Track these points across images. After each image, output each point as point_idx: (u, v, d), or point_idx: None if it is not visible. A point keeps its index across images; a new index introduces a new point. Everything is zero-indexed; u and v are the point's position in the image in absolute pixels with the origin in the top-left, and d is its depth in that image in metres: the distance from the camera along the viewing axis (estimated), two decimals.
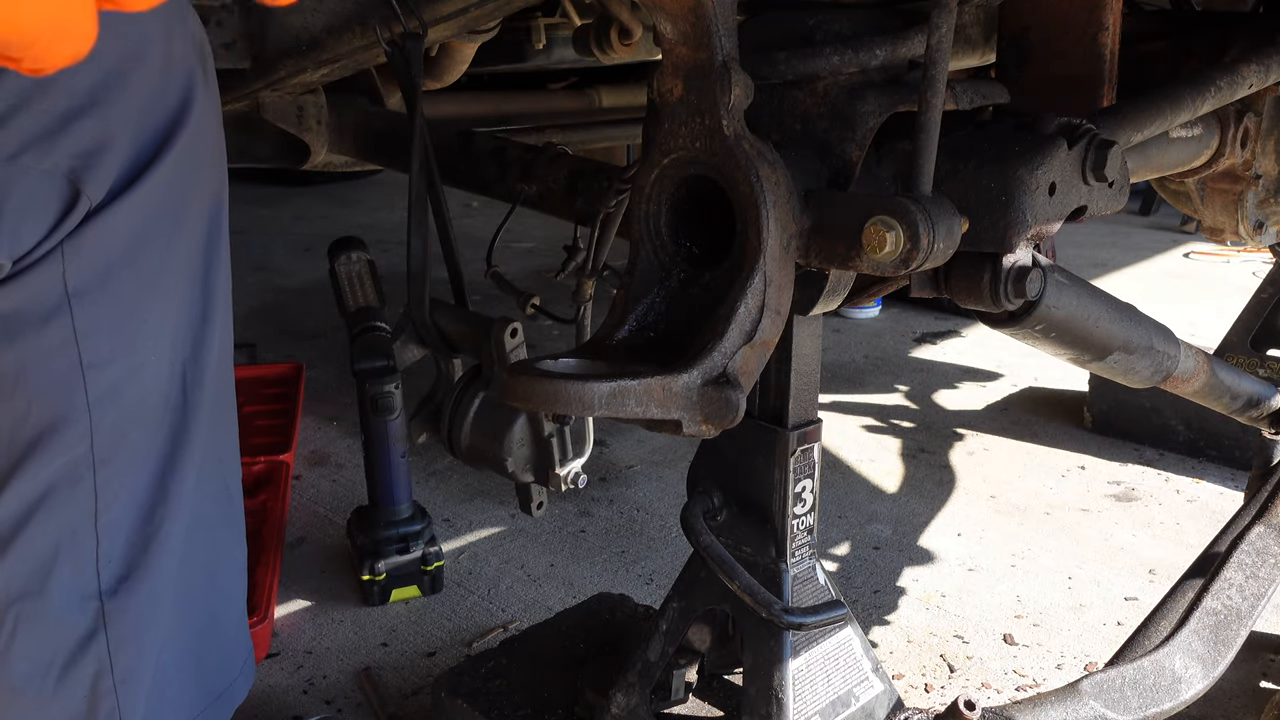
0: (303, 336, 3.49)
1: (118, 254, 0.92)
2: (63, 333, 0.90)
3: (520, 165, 1.80)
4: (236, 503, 1.14)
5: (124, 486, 0.97)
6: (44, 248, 0.88)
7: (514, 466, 1.46)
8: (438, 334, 1.60)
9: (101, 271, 0.91)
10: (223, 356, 1.06)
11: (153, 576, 0.99)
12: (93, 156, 0.87)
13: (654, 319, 0.96)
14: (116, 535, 0.97)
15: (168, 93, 0.93)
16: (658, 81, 0.91)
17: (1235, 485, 2.35)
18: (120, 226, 0.91)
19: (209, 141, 0.99)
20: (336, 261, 1.92)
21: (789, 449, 1.16)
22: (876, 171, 1.00)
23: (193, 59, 0.96)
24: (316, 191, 6.11)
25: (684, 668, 1.31)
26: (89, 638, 0.96)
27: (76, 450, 0.93)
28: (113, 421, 0.94)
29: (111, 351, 0.93)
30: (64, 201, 0.87)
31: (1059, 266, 1.03)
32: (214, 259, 1.03)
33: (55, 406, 0.92)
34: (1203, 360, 1.34)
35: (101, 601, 0.96)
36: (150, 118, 0.92)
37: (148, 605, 1.00)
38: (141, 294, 0.95)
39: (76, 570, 0.95)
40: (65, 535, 0.94)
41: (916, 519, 2.24)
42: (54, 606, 0.95)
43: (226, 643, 1.13)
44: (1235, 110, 1.49)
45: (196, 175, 0.98)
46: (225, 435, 1.10)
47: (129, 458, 0.97)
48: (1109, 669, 1.08)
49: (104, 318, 0.92)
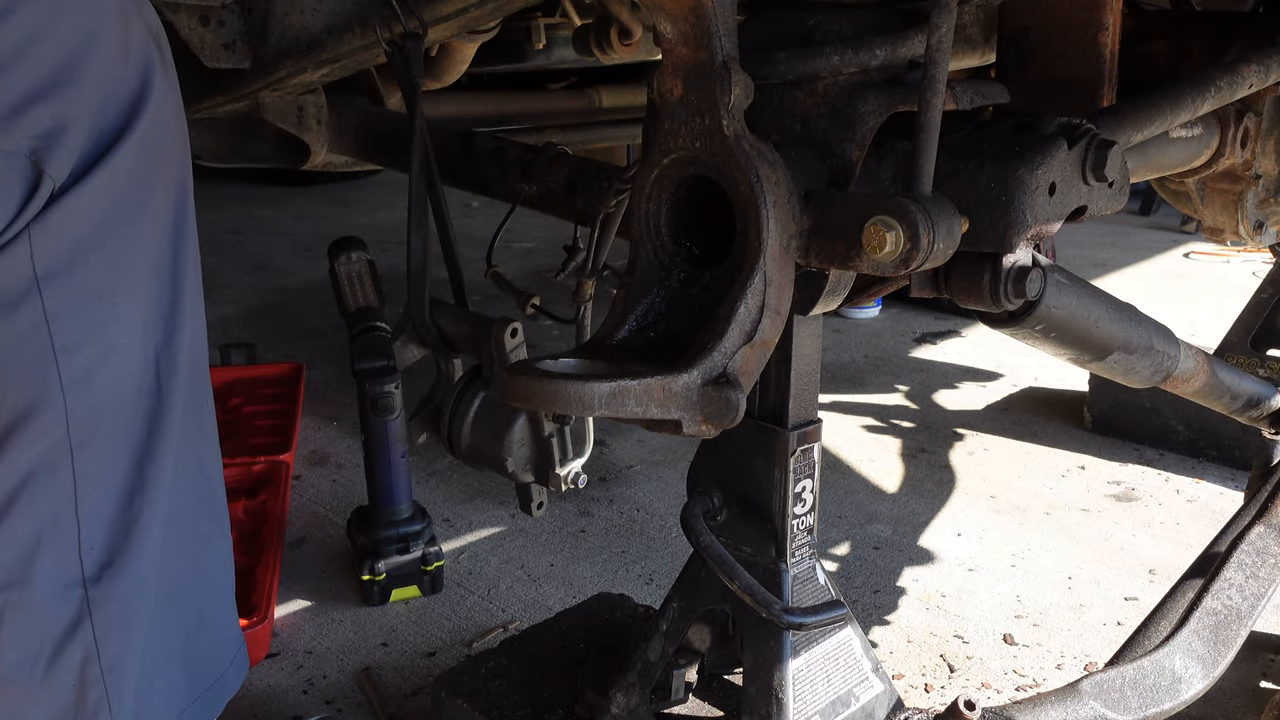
0: (303, 336, 3.49)
1: (85, 236, 0.92)
2: (33, 316, 0.90)
3: (520, 165, 1.80)
4: (219, 495, 1.14)
5: (102, 472, 0.97)
6: (11, 230, 0.88)
7: (514, 466, 1.46)
8: (438, 334, 1.60)
9: (70, 254, 0.91)
10: (195, 347, 1.06)
11: (136, 563, 1.00)
12: (53, 137, 0.88)
13: (654, 319, 0.96)
14: (98, 521, 0.97)
15: (126, 78, 0.94)
16: (658, 81, 0.91)
17: (1235, 485, 2.35)
18: (86, 208, 0.92)
19: (170, 129, 1.00)
20: (336, 261, 1.92)
21: (789, 449, 1.16)
22: (876, 171, 1.00)
23: (150, 47, 0.97)
24: (316, 191, 6.11)
25: (684, 668, 1.31)
26: (75, 625, 0.97)
27: (53, 435, 0.93)
28: (88, 405, 0.95)
29: (83, 335, 0.94)
30: (28, 183, 0.88)
31: (1059, 266, 1.03)
32: (182, 248, 1.03)
33: (29, 391, 0.92)
34: (1203, 360, 1.34)
35: (86, 588, 0.97)
36: (109, 103, 0.93)
37: (132, 592, 1.00)
38: (110, 278, 0.95)
39: (59, 557, 0.96)
40: (47, 522, 0.95)
41: (916, 519, 2.24)
42: (39, 595, 0.95)
43: (215, 634, 1.14)
44: (1235, 110, 1.49)
45: (159, 162, 0.99)
46: (203, 427, 1.10)
47: (106, 443, 0.97)
48: (1109, 669, 1.08)
49: (74, 301, 0.92)
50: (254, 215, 5.48)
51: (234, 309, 3.76)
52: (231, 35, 1.64)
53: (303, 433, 2.60)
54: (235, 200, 5.77)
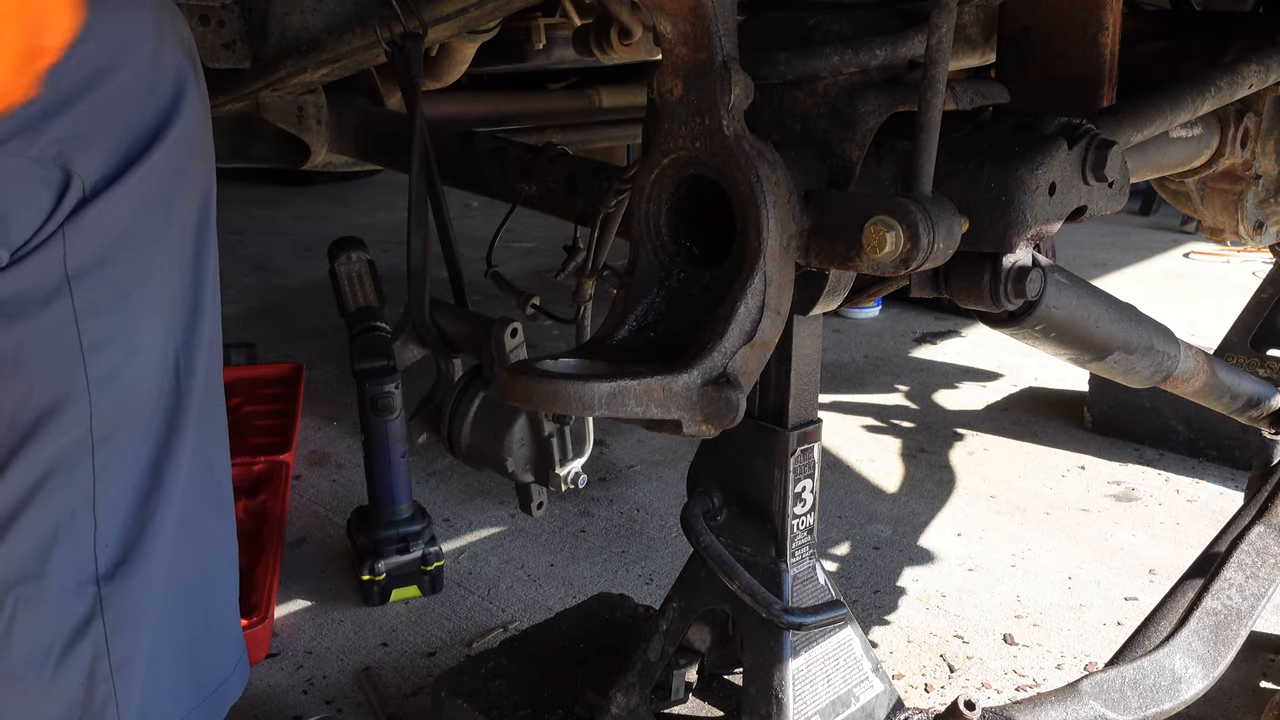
0: (303, 336, 3.49)
1: (116, 236, 0.94)
2: (63, 314, 0.92)
3: (520, 165, 1.80)
4: (227, 496, 1.15)
5: (121, 469, 0.98)
6: (44, 233, 0.90)
7: (514, 466, 1.46)
8: (438, 334, 1.60)
9: (100, 254, 0.93)
10: (212, 350, 1.08)
11: (148, 563, 1.00)
12: (81, 141, 0.90)
13: (654, 319, 0.96)
14: (114, 519, 0.98)
15: (158, 89, 0.95)
16: (658, 81, 0.91)
17: (1235, 485, 2.35)
18: (119, 209, 0.93)
19: (199, 140, 1.02)
20: (336, 261, 1.92)
21: (789, 449, 1.16)
22: (876, 171, 1.00)
23: (182, 59, 0.98)
24: (316, 191, 6.11)
25: (684, 668, 1.31)
26: (86, 622, 0.97)
27: (76, 432, 0.94)
28: (111, 403, 0.96)
29: (110, 333, 0.95)
30: (57, 187, 0.89)
31: (1059, 266, 1.03)
32: (203, 253, 1.05)
33: (56, 388, 0.93)
34: (1202, 360, 1.34)
35: (99, 586, 0.97)
36: (142, 111, 0.94)
37: (143, 591, 1.00)
38: (138, 278, 0.97)
39: (74, 554, 0.96)
40: (64, 518, 0.95)
41: (916, 519, 2.24)
42: (52, 591, 0.95)
43: (219, 638, 1.14)
44: (1235, 110, 1.49)
45: (186, 170, 1.00)
46: (215, 429, 1.11)
47: (126, 441, 0.98)
48: (1109, 669, 1.08)
49: (103, 299, 0.94)
50: (254, 215, 5.48)
51: (234, 309, 3.76)
52: (231, 35, 1.64)
53: (303, 433, 2.60)
54: (235, 200, 5.76)
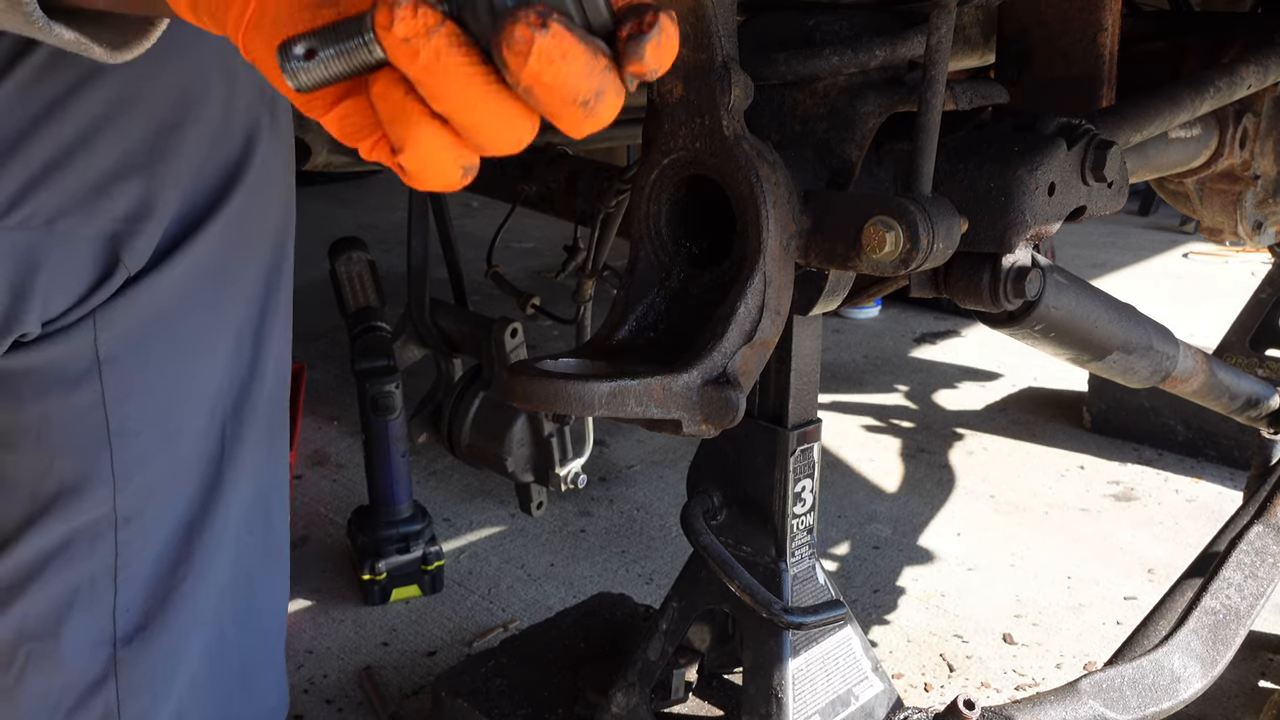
0: (303, 337, 3.50)
1: (154, 324, 0.88)
2: (90, 397, 0.87)
3: (520, 165, 1.80)
4: (279, 530, 1.08)
5: (148, 544, 0.94)
6: (75, 314, 0.84)
7: (514, 466, 1.46)
8: (438, 334, 1.60)
9: (137, 340, 0.87)
10: (273, 406, 1.01)
11: (172, 629, 0.96)
12: (137, 221, 0.83)
13: (654, 319, 0.96)
14: (137, 586, 0.94)
15: (228, 141, 0.89)
16: (658, 81, 0.91)
17: (1234, 485, 2.35)
18: (159, 296, 0.87)
19: (274, 183, 0.95)
20: (337, 261, 1.92)
21: (789, 449, 1.16)
22: (876, 171, 1.00)
23: (258, 105, 0.91)
24: (316, 191, 6.11)
25: (684, 667, 1.31)
26: (99, 683, 0.94)
27: (98, 511, 0.90)
28: (139, 486, 0.91)
29: (142, 419, 0.90)
30: (101, 269, 0.83)
31: (1058, 266, 1.03)
32: (270, 308, 0.98)
33: (78, 467, 0.89)
34: (1201, 360, 1.35)
35: (115, 649, 0.94)
36: (205, 171, 0.87)
37: (164, 657, 0.97)
38: (180, 360, 0.91)
39: (92, 617, 0.93)
40: (83, 584, 0.92)
41: (916, 519, 2.25)
42: (65, 649, 0.92)
43: (257, 690, 1.09)
44: (1234, 111, 1.49)
45: (257, 221, 0.94)
46: (271, 467, 1.05)
47: (155, 516, 0.94)
48: (1108, 668, 1.08)
49: (137, 384, 0.88)
50: None
51: None
52: None
53: (303, 433, 2.60)
54: None
